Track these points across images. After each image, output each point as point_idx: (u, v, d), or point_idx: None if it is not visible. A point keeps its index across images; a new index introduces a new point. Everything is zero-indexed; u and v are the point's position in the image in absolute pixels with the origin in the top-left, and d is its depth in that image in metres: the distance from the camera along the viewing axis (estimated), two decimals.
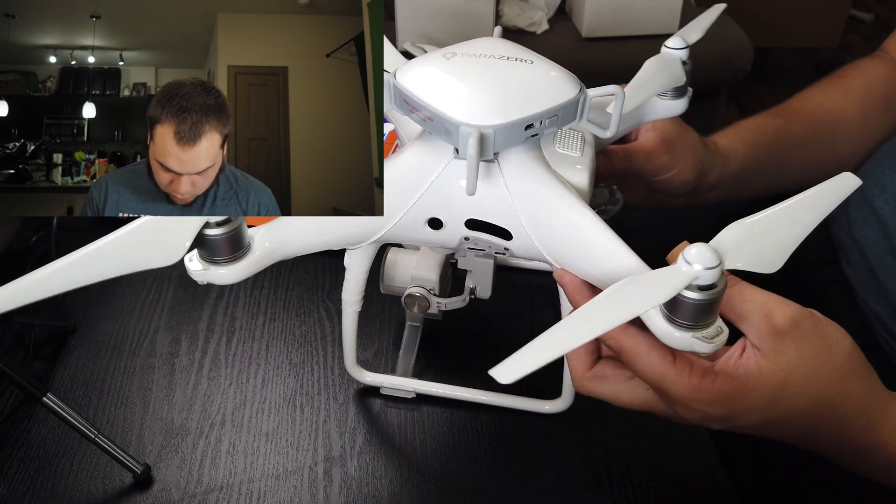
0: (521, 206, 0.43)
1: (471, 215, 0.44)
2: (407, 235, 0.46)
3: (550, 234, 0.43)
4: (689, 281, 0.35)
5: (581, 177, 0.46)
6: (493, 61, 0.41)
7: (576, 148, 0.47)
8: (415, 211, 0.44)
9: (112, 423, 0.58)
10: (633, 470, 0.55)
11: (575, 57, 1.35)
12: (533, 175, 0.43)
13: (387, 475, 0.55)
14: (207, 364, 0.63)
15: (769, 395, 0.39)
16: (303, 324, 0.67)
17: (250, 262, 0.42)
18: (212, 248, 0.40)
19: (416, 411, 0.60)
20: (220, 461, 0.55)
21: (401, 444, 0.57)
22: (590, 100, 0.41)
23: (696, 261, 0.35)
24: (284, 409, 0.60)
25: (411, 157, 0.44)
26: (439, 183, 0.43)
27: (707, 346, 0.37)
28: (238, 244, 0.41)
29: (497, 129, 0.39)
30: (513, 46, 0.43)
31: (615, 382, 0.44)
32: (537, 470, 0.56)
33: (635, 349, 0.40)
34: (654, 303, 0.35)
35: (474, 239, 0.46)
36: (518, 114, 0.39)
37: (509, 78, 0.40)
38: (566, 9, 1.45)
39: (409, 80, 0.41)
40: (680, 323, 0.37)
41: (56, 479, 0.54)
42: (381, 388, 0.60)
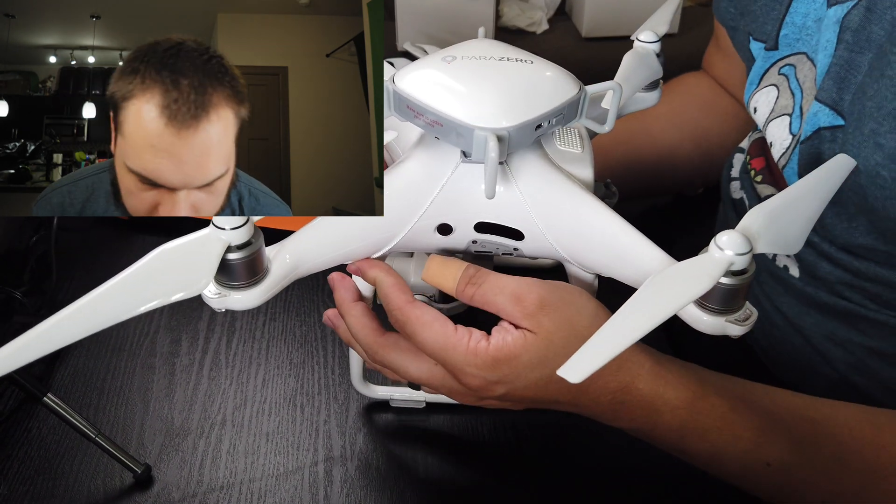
0: (535, 206, 0.43)
1: (481, 218, 0.44)
2: (416, 244, 0.46)
3: (568, 232, 0.43)
4: (726, 267, 0.36)
5: (587, 172, 0.46)
6: (495, 63, 0.41)
7: (576, 144, 0.47)
8: (425, 219, 0.44)
9: (112, 423, 0.58)
10: (635, 470, 0.55)
11: (575, 57, 1.35)
12: (543, 174, 0.43)
13: (387, 475, 0.55)
14: (208, 364, 0.63)
15: (536, 356, 0.43)
16: (303, 324, 0.67)
17: (269, 285, 0.40)
18: (231, 272, 0.38)
19: (416, 411, 0.60)
20: (220, 461, 0.55)
21: (401, 443, 0.57)
22: (589, 97, 0.41)
23: (728, 247, 0.36)
24: (285, 408, 0.60)
25: (415, 165, 0.44)
26: (448, 188, 0.43)
27: (739, 329, 0.38)
28: (257, 268, 0.39)
29: (511, 131, 0.39)
30: (508, 47, 0.43)
31: (405, 351, 0.46)
32: (539, 469, 0.56)
33: (421, 319, 0.43)
34: (699, 292, 0.36)
35: (482, 241, 0.46)
36: (529, 114, 0.39)
37: (515, 79, 0.40)
38: (566, 9, 1.45)
39: (411, 85, 0.41)
40: (711, 308, 0.38)
41: (56, 479, 0.54)
42: (390, 400, 0.59)
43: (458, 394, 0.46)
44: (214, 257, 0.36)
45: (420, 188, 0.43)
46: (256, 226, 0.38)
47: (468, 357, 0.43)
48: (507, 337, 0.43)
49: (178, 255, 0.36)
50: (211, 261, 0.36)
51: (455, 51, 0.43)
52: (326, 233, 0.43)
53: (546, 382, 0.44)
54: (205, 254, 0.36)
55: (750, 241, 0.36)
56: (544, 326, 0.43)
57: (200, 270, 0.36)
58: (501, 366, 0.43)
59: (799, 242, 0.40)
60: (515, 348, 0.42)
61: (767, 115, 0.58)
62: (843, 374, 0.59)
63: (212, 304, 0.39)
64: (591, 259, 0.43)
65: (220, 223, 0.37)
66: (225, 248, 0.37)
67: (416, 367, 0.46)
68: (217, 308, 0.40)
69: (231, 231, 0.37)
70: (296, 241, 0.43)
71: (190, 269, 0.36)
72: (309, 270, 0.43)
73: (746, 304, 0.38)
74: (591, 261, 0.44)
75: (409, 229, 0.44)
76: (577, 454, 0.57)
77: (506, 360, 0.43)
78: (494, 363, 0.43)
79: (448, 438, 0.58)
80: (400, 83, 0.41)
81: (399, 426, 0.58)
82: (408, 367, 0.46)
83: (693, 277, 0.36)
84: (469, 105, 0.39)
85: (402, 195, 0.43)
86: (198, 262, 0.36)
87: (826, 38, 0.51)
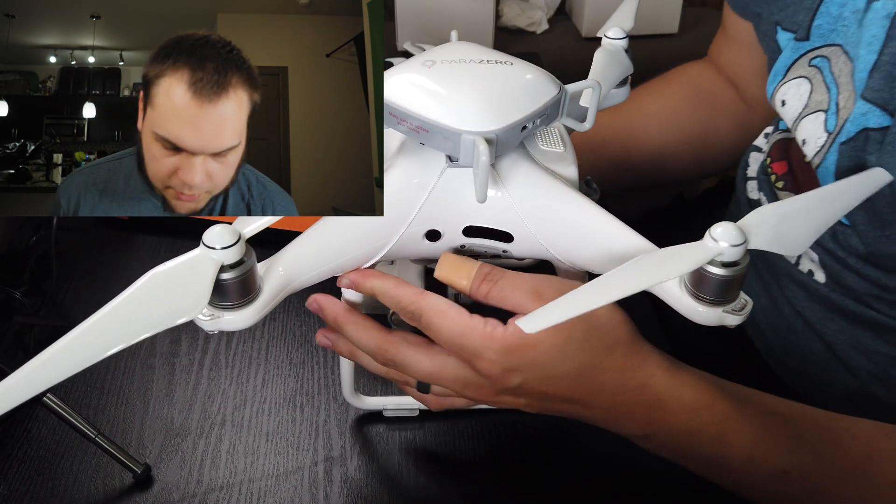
0: (524, 208, 0.43)
1: (470, 222, 0.44)
2: (405, 252, 0.45)
3: (558, 232, 0.43)
4: (714, 255, 0.36)
5: (571, 170, 0.46)
6: (476, 66, 0.41)
7: (558, 143, 0.47)
8: (413, 226, 0.43)
9: (112, 423, 0.58)
10: (633, 470, 0.55)
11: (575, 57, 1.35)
12: (530, 175, 0.43)
13: (387, 475, 0.55)
14: (207, 364, 0.63)
15: (554, 349, 0.42)
16: (303, 324, 0.67)
17: (263, 303, 0.39)
18: (224, 293, 0.37)
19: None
20: (220, 461, 0.55)
21: (401, 443, 0.57)
22: (569, 95, 0.41)
23: (721, 238, 0.36)
24: (284, 409, 0.60)
25: (398, 173, 0.43)
26: (435, 194, 0.43)
27: (736, 318, 0.38)
28: (250, 287, 0.38)
29: (499, 133, 0.39)
30: (485, 49, 0.43)
31: (415, 346, 0.45)
32: (537, 469, 0.56)
33: (435, 307, 0.43)
34: (679, 271, 0.37)
35: (470, 245, 0.45)
36: (515, 116, 0.39)
37: (498, 81, 0.40)
38: (566, 9, 1.45)
39: (393, 91, 0.40)
40: (705, 298, 0.38)
41: (56, 479, 0.54)
42: (383, 410, 0.59)
43: (471, 387, 0.45)
44: (208, 279, 0.35)
45: (407, 196, 0.43)
46: (248, 244, 0.37)
47: (485, 341, 0.42)
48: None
49: (170, 278, 0.35)
50: (205, 283, 0.35)
51: (433, 55, 0.42)
52: (318, 245, 0.43)
53: (563, 376, 0.43)
54: (198, 275, 0.35)
55: (745, 234, 0.36)
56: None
57: (195, 293, 0.35)
58: (518, 352, 0.42)
59: (803, 246, 0.40)
60: (532, 339, 0.42)
61: (800, 110, 0.55)
62: (864, 383, 0.58)
63: (204, 326, 0.38)
64: (582, 257, 0.43)
65: (211, 242, 0.36)
66: (218, 268, 0.36)
67: (429, 361, 0.45)
68: (209, 330, 0.38)
69: (222, 250, 0.36)
70: (288, 255, 0.42)
71: (184, 293, 0.35)
72: (302, 284, 0.42)
73: (741, 294, 0.39)
74: (582, 258, 0.43)
75: (399, 238, 0.44)
76: (575, 456, 0.57)
77: (523, 347, 0.42)
78: (511, 349, 0.42)
79: (447, 438, 0.58)
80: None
81: (398, 427, 0.58)
82: (420, 361, 0.45)
83: (679, 258, 0.37)
84: (455, 109, 0.39)
85: (390, 204, 0.43)
86: (191, 284, 0.35)
87: (872, 34, 0.49)
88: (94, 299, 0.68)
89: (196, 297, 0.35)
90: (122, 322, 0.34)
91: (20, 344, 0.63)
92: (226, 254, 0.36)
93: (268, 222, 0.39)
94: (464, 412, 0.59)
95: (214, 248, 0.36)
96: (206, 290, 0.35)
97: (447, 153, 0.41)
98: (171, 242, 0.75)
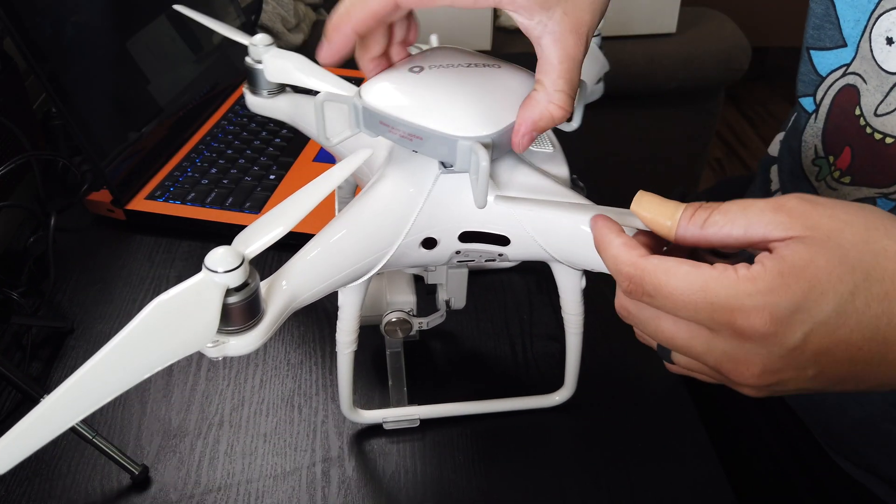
0: (521, 210, 0.43)
1: (466, 228, 0.44)
2: (401, 262, 0.45)
3: (555, 232, 0.43)
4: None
5: (563, 170, 0.46)
6: (464, 70, 0.41)
7: (547, 144, 0.47)
8: (410, 235, 0.43)
9: (110, 424, 0.58)
10: (632, 471, 0.55)
11: None
12: (524, 177, 0.43)
13: (385, 476, 0.55)
14: (205, 365, 0.63)
15: (834, 256, 0.31)
16: (301, 324, 0.67)
17: (266, 326, 0.37)
18: (228, 317, 0.35)
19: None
20: (217, 462, 0.55)
21: (398, 444, 0.57)
22: None
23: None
24: (282, 409, 0.60)
25: (391, 183, 0.43)
26: (430, 202, 0.42)
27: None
28: (255, 309, 0.36)
29: (494, 137, 0.39)
30: (469, 53, 0.43)
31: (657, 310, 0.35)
32: (536, 470, 0.56)
33: (662, 265, 0.33)
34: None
35: (465, 251, 0.45)
36: (509, 119, 0.39)
37: (489, 85, 0.40)
38: None
39: (382, 99, 0.40)
40: None
41: (54, 481, 0.54)
42: (383, 423, 0.58)
43: (731, 362, 0.33)
44: (215, 305, 0.34)
45: (402, 205, 0.42)
46: (251, 265, 0.36)
47: (743, 285, 0.31)
48: (783, 251, 0.31)
49: (175, 306, 0.34)
50: (212, 310, 0.34)
51: (419, 61, 0.42)
52: (317, 262, 0.41)
53: (863, 293, 0.31)
54: (204, 302, 0.34)
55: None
56: (824, 226, 0.31)
57: (203, 322, 0.34)
58: (793, 280, 0.30)
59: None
60: (802, 256, 0.31)
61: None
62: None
63: (209, 353, 0.36)
64: (580, 255, 0.43)
65: (214, 265, 0.34)
66: (224, 292, 0.34)
67: (674, 326, 0.34)
68: (214, 357, 0.36)
69: (225, 274, 0.34)
70: (290, 271, 0.40)
71: (191, 322, 0.34)
72: (303, 303, 0.41)
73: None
74: (580, 257, 0.43)
75: (396, 248, 0.43)
76: (576, 460, 0.57)
77: (796, 270, 0.30)
78: (782, 279, 0.30)
79: (445, 439, 0.58)
80: (368, 97, 0.40)
81: (397, 427, 0.58)
82: (661, 325, 0.35)
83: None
84: (450, 115, 0.38)
85: (386, 215, 0.42)
86: (198, 312, 0.34)
87: None
88: (91, 300, 0.68)
89: (204, 325, 0.34)
90: (128, 358, 0.33)
91: (18, 345, 0.63)
92: (230, 277, 0.34)
93: (270, 242, 0.37)
94: (463, 415, 0.59)
95: (217, 272, 0.34)
96: (213, 318, 0.34)
97: (441, 160, 0.40)
98: (169, 243, 0.75)
